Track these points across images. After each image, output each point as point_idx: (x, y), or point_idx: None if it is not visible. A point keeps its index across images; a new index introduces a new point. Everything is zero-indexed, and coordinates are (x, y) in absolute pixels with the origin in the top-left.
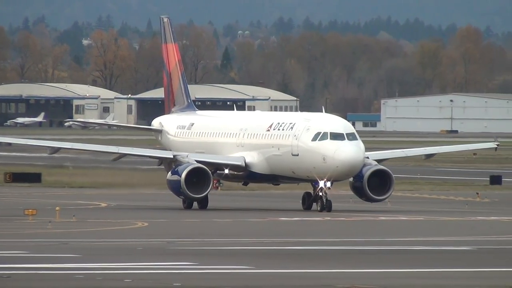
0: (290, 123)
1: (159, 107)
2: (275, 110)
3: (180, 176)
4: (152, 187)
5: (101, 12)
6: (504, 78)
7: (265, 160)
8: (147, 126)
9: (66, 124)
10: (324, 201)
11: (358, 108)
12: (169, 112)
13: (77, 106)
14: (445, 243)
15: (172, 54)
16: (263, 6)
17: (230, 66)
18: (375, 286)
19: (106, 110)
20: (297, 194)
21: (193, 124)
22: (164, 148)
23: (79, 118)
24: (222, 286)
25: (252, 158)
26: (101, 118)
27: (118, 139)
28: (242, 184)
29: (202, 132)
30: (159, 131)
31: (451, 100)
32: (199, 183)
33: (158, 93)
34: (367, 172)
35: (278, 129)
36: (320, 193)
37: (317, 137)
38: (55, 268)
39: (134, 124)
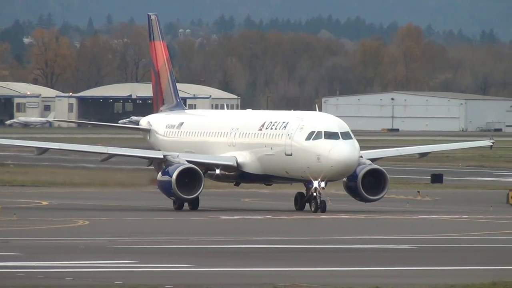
0: (283, 122)
1: (100, 106)
2: (216, 108)
3: (171, 177)
4: (93, 186)
5: (42, 10)
6: (445, 76)
7: (257, 160)
8: (135, 126)
9: (8, 122)
10: (318, 202)
11: (299, 106)
12: (157, 111)
13: (18, 104)
14: (386, 241)
15: (160, 52)
16: (204, 4)
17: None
18: (316, 284)
19: (47, 108)
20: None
21: (182, 123)
22: (152, 148)
23: (20, 117)
24: (164, 284)
25: (244, 158)
26: (42, 116)
27: (60, 138)
28: (234, 185)
29: (192, 132)
30: (147, 131)
31: (392, 99)
32: (190, 184)
33: (99, 92)
34: (361, 172)
35: (271, 128)
36: (314, 194)
37: (311, 136)
38: None
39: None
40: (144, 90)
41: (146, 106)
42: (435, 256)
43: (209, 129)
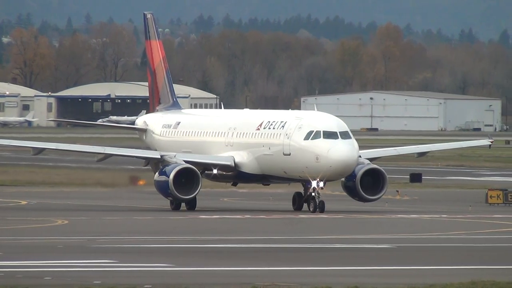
0: (281, 122)
1: (79, 105)
2: (195, 108)
3: (168, 177)
4: (73, 186)
5: (21, 10)
6: (424, 76)
7: (255, 159)
8: (132, 126)
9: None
10: (317, 202)
11: (278, 105)
12: (153, 110)
13: None
14: (365, 241)
15: (156, 51)
16: (183, 3)
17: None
18: (295, 284)
19: (26, 108)
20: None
21: (179, 123)
22: (149, 148)
23: None
24: (142, 284)
25: (241, 157)
26: (21, 116)
27: (40, 138)
28: (231, 185)
29: (189, 131)
30: (143, 130)
31: (371, 98)
32: (187, 184)
33: (78, 91)
34: (359, 172)
35: (269, 128)
36: (313, 194)
37: (309, 136)
38: None
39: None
40: (123, 89)
41: (125, 106)
42: (414, 255)
43: (206, 128)
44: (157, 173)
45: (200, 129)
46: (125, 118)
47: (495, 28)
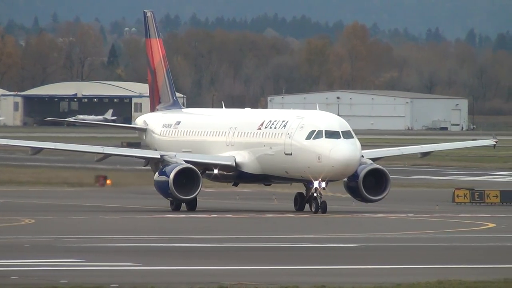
0: (283, 121)
1: (46, 104)
2: None
3: (168, 177)
4: (39, 185)
5: None
6: (391, 75)
7: (256, 159)
8: (132, 125)
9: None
10: (319, 202)
11: (245, 105)
12: (153, 110)
13: None
14: (332, 240)
15: (156, 49)
16: (150, 3)
17: (117, 63)
18: (262, 283)
19: None
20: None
21: (179, 122)
22: (149, 147)
23: None
24: (109, 283)
25: (242, 157)
26: None
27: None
28: (232, 185)
29: (189, 131)
30: (143, 130)
31: (338, 97)
32: (188, 184)
33: (44, 90)
34: (362, 172)
35: (270, 127)
36: (315, 194)
37: (311, 135)
38: None
39: (20, 121)
40: (89, 88)
41: (92, 105)
42: (381, 254)
43: (206, 128)
44: (157, 173)
45: (200, 129)
46: (92, 117)
47: (462, 27)
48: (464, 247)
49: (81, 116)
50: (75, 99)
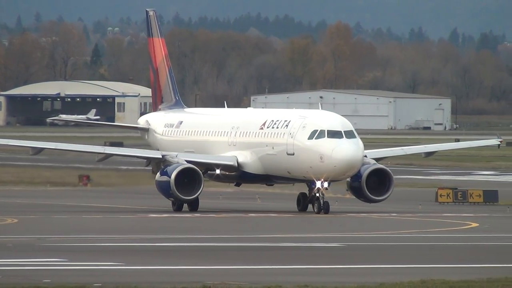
0: (285, 121)
1: (29, 104)
2: (145, 106)
3: (170, 177)
4: (22, 184)
5: None
6: (374, 74)
7: (258, 159)
8: (134, 125)
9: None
10: (321, 203)
11: (228, 104)
12: (156, 109)
13: None
14: (315, 239)
15: (158, 48)
16: (133, 2)
17: (100, 62)
18: (245, 283)
19: None
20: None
21: (181, 122)
22: (151, 147)
23: None
24: (92, 282)
25: (245, 157)
26: None
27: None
28: (235, 185)
29: (191, 131)
30: (145, 130)
31: (321, 97)
32: (189, 184)
33: (27, 90)
34: (365, 172)
35: (272, 127)
36: (317, 194)
37: (313, 135)
38: None
39: (3, 120)
40: (73, 88)
41: (75, 105)
42: (364, 254)
43: (209, 128)
44: (158, 173)
45: (202, 129)
46: (75, 116)
47: (445, 27)
48: (447, 247)
49: (63, 116)
50: (58, 99)
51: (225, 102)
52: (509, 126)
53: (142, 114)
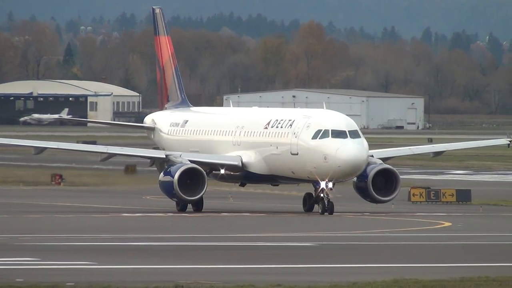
0: (289, 120)
1: (1, 103)
2: (117, 106)
3: (173, 177)
4: None
5: None
6: (347, 74)
7: (263, 159)
8: (140, 124)
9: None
10: (326, 203)
11: (201, 103)
12: (162, 108)
13: None
14: (288, 239)
15: (165, 47)
16: (106, 1)
17: (72, 61)
18: (218, 282)
19: None
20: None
21: (187, 121)
22: (157, 147)
23: None
24: (65, 281)
25: (249, 157)
26: None
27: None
28: (239, 185)
29: (196, 130)
30: (151, 129)
31: (294, 96)
32: (193, 185)
33: (0, 89)
34: (371, 172)
35: (277, 127)
36: (322, 195)
37: (317, 135)
38: None
39: None
40: (45, 87)
41: (48, 104)
42: (337, 253)
43: (213, 127)
44: (161, 173)
45: (207, 128)
46: (48, 116)
47: (418, 26)
48: (420, 246)
49: (36, 115)
50: (31, 98)
51: (230, 101)
52: (482, 125)
53: (114, 113)
